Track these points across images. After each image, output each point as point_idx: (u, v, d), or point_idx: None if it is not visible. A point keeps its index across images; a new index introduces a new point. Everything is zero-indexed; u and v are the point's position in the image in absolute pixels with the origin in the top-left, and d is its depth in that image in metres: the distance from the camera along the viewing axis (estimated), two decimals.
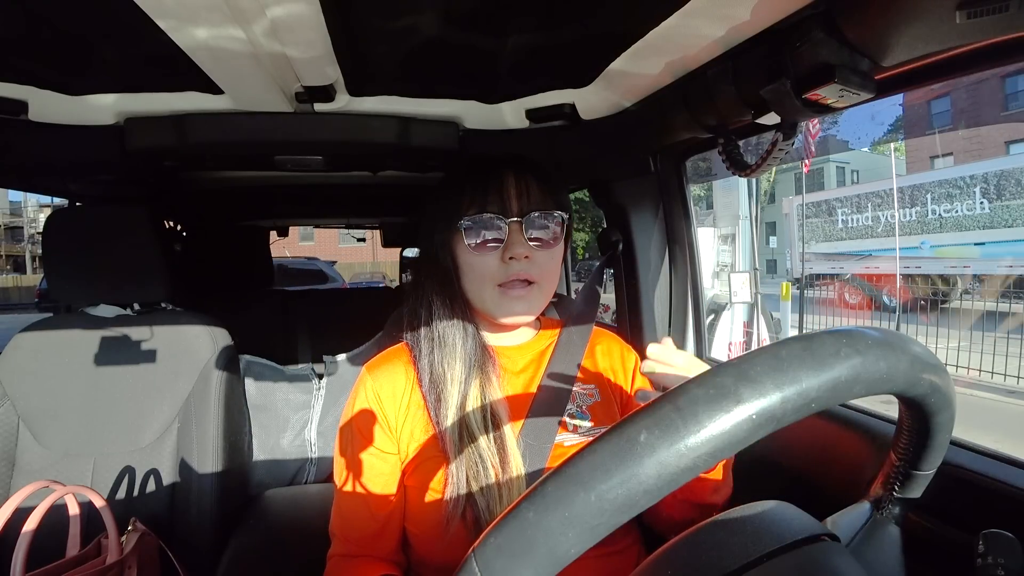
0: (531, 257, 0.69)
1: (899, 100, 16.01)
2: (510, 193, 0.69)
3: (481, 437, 0.67)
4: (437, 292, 0.73)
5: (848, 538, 0.41)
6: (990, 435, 3.57)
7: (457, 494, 0.65)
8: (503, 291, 0.69)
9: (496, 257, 0.69)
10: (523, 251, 0.68)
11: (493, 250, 0.69)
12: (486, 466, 0.66)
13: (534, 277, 0.70)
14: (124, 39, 0.74)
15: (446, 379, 0.69)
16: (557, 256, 0.73)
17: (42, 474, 1.13)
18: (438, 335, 0.72)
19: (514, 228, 0.69)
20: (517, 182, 0.70)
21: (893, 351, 0.31)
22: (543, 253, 0.70)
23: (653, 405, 0.29)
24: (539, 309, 0.74)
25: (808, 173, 15.20)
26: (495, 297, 0.70)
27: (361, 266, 19.34)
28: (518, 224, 0.69)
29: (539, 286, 0.71)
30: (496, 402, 0.69)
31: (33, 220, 23.44)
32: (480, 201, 0.69)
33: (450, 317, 0.72)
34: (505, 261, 0.69)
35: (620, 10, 0.68)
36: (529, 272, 0.69)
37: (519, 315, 0.71)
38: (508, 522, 0.28)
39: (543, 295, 0.72)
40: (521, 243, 0.68)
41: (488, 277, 0.70)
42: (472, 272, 0.70)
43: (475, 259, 0.70)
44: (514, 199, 0.69)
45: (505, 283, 0.69)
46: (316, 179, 1.60)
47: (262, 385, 1.38)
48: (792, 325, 7.05)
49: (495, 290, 0.70)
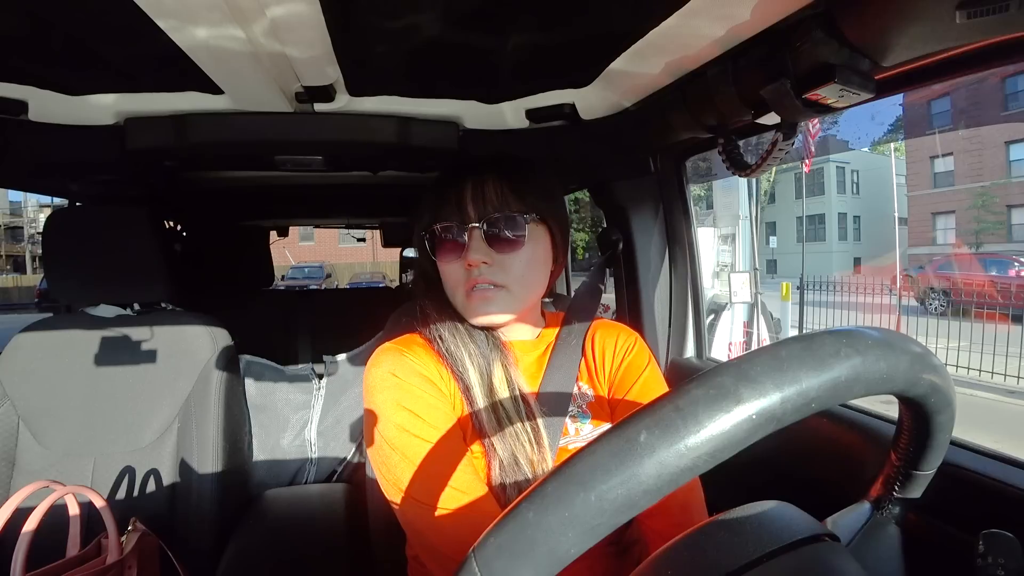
0: (491, 262, 0.68)
1: (899, 100, 16.02)
2: (466, 200, 0.69)
3: (512, 411, 0.67)
4: (428, 299, 0.75)
5: (848, 538, 0.41)
6: (990, 435, 3.57)
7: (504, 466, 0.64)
8: (468, 296, 0.69)
9: (460, 264, 0.69)
10: (479, 257, 0.67)
11: (456, 258, 0.69)
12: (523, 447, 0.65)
13: (500, 281, 0.68)
14: (124, 39, 0.74)
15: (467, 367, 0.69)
16: (532, 258, 0.71)
17: (42, 474, 1.13)
18: (441, 335, 0.72)
19: (473, 234, 0.68)
20: (474, 188, 0.69)
21: (893, 351, 0.31)
22: (508, 257, 0.69)
23: (653, 405, 0.29)
24: (512, 312, 0.71)
25: (808, 173, 15.23)
26: (463, 302, 0.70)
27: (361, 266, 19.34)
28: (477, 230, 0.68)
29: (507, 290, 0.69)
30: (522, 394, 0.70)
31: (33, 220, 23.44)
32: (438, 211, 0.70)
33: (448, 320, 0.73)
34: (466, 267, 0.68)
35: (620, 10, 0.68)
36: (493, 277, 0.68)
37: (488, 316, 0.70)
38: (508, 522, 0.28)
39: (515, 300, 0.70)
40: (477, 248, 0.68)
41: (455, 284, 0.70)
42: (445, 279, 0.72)
43: (443, 267, 0.71)
44: (470, 205, 0.69)
45: (470, 289, 0.69)
46: (316, 179, 1.61)
47: (262, 385, 1.38)
48: (792, 325, 7.05)
49: (463, 295, 0.70)
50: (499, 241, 0.68)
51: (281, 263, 11.90)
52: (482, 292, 0.68)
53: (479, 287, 0.68)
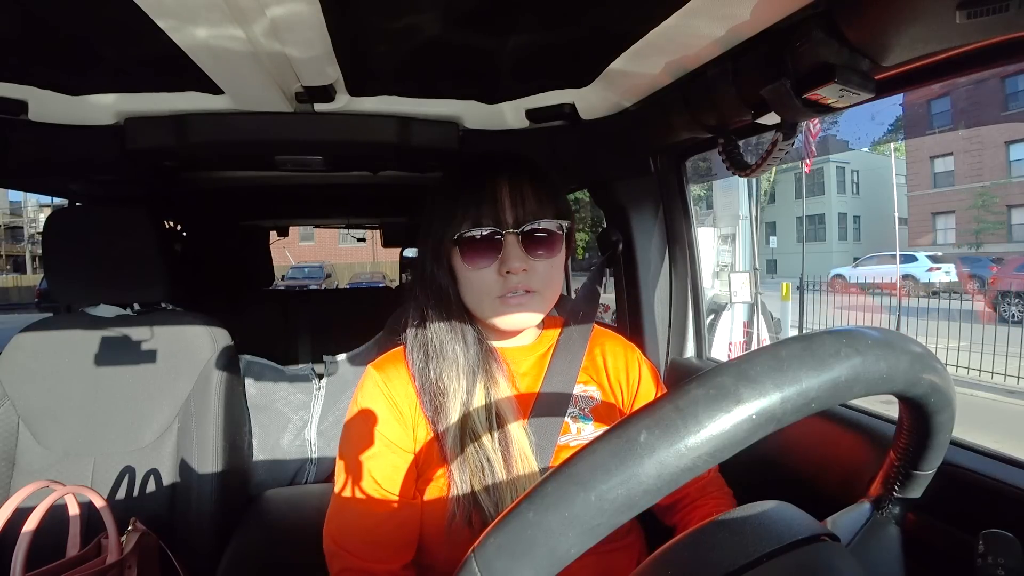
0: (529, 269, 0.67)
1: (899, 100, 16.02)
2: (504, 204, 0.67)
3: (485, 437, 0.66)
4: (432, 306, 0.71)
5: (848, 538, 0.41)
6: (990, 435, 3.57)
7: (462, 495, 0.64)
8: (502, 301, 0.68)
9: (493, 271, 0.67)
10: (520, 265, 0.66)
11: (489, 264, 0.67)
12: (492, 467, 0.65)
13: (534, 287, 0.68)
14: (124, 39, 0.74)
15: (445, 391, 0.68)
16: (558, 264, 0.71)
17: (42, 474, 1.13)
18: (436, 346, 0.70)
19: (510, 240, 0.66)
20: (512, 191, 0.67)
21: (893, 351, 0.31)
22: (542, 263, 0.68)
23: (653, 405, 0.29)
24: (540, 316, 0.73)
25: (808, 173, 15.23)
26: (495, 307, 0.68)
27: (361, 266, 19.34)
28: (515, 236, 0.67)
29: (540, 294, 0.69)
30: (501, 401, 0.69)
31: (33, 220, 23.44)
32: (474, 214, 0.67)
33: (449, 329, 0.71)
34: (502, 274, 0.67)
35: (620, 10, 0.68)
36: (529, 283, 0.67)
37: (519, 324, 0.70)
38: (508, 522, 0.28)
39: (544, 302, 0.71)
40: (518, 256, 0.66)
41: (486, 291, 0.68)
42: (470, 286, 0.69)
43: (472, 274, 0.68)
44: (509, 210, 0.67)
45: (503, 296, 0.68)
46: (316, 179, 1.61)
47: (262, 385, 1.38)
48: (792, 325, 7.05)
49: (494, 301, 0.68)
50: (538, 247, 0.67)
51: (281, 263, 11.89)
52: (517, 298, 0.67)
53: (514, 293, 0.67)
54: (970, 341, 5.98)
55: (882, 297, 9.03)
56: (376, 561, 0.66)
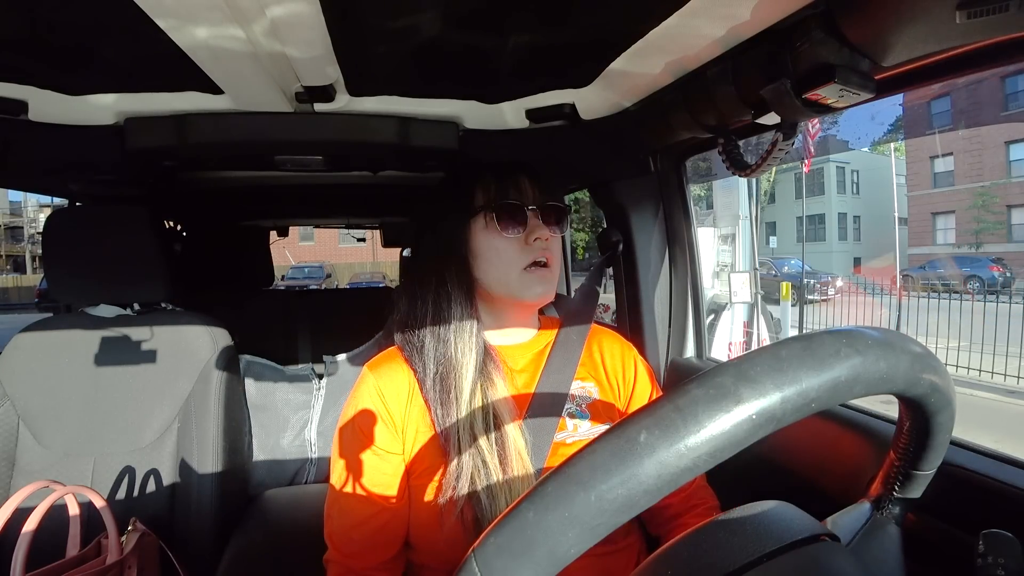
0: (549, 240, 0.75)
1: (899, 100, 16.02)
2: (525, 185, 0.76)
3: (482, 437, 0.67)
4: (454, 286, 0.74)
5: (848, 538, 0.41)
6: (990, 435, 3.57)
7: (458, 495, 0.65)
8: (528, 272, 0.74)
9: (519, 241, 0.74)
10: (545, 233, 0.74)
11: (516, 235, 0.74)
12: (487, 466, 0.66)
13: (551, 259, 0.75)
14: (124, 39, 0.74)
15: (456, 376, 0.70)
16: (561, 245, 0.79)
17: (42, 474, 1.13)
18: (444, 333, 0.72)
19: (533, 214, 0.75)
20: (530, 177, 0.77)
21: (893, 351, 0.31)
22: (556, 240, 0.77)
23: (653, 405, 0.29)
24: (554, 291, 0.78)
25: (808, 173, 15.23)
26: (521, 278, 0.74)
27: (361, 266, 19.34)
28: (536, 212, 0.75)
29: (552, 270, 0.76)
30: (498, 402, 0.70)
31: (33, 220, 23.43)
32: (502, 191, 0.75)
33: (459, 314, 0.73)
34: (529, 243, 0.74)
35: (620, 10, 0.68)
36: (549, 253, 0.75)
37: (542, 295, 0.75)
38: (508, 522, 0.28)
39: (555, 278, 0.77)
40: (541, 227, 0.75)
41: (513, 260, 0.74)
42: (498, 257, 0.74)
43: (502, 243, 0.74)
44: (530, 190, 0.76)
45: (528, 266, 0.74)
46: (316, 179, 1.60)
47: (262, 385, 1.38)
48: (792, 325, 7.05)
49: (521, 272, 0.74)
50: (553, 223, 0.76)
51: (281, 263, 11.91)
52: (540, 269, 0.75)
53: (538, 262, 0.74)
54: (970, 341, 5.98)
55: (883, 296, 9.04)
56: (353, 558, 0.70)
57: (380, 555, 0.70)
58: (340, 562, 0.71)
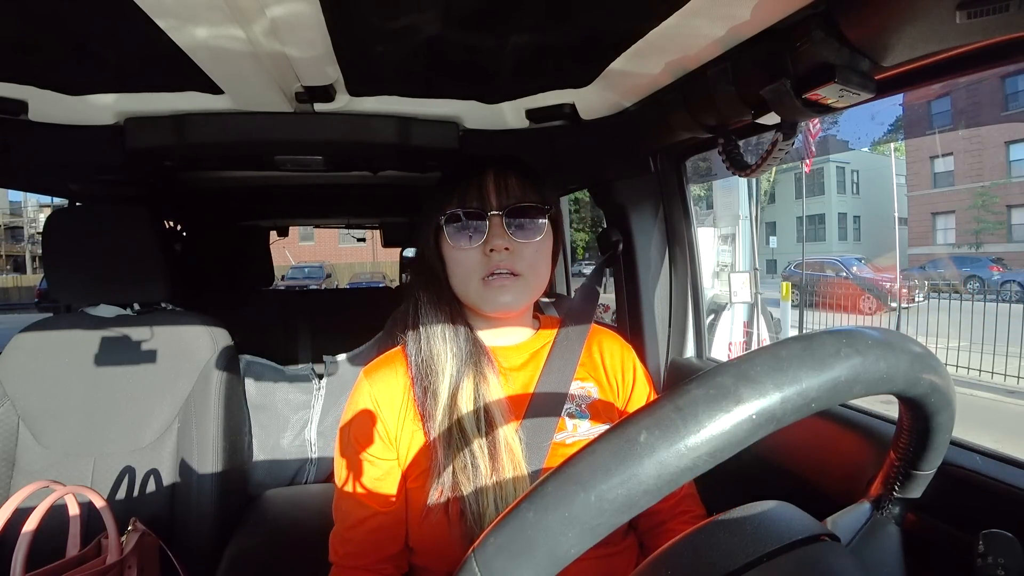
0: (512, 249, 0.70)
1: (899, 100, 16.00)
2: (489, 189, 0.71)
3: (474, 439, 0.67)
4: (424, 291, 0.75)
5: (848, 538, 0.41)
6: (990, 435, 3.57)
7: (448, 496, 0.65)
8: (487, 283, 0.70)
9: (478, 251, 0.70)
10: (502, 243, 0.69)
11: (475, 244, 0.70)
12: (476, 466, 0.66)
13: (518, 269, 0.70)
14: (124, 39, 0.74)
15: (435, 374, 0.70)
16: (543, 250, 0.74)
17: (42, 474, 1.13)
18: (426, 333, 0.72)
19: (494, 221, 0.70)
20: (496, 179, 0.72)
21: (893, 351, 0.31)
22: (526, 246, 0.71)
23: (653, 405, 0.29)
24: (526, 301, 0.74)
25: (808, 173, 15.23)
26: (479, 289, 0.71)
27: (361, 266, 19.34)
28: (498, 217, 0.70)
29: (524, 279, 0.71)
30: (491, 402, 0.69)
31: (33, 220, 23.42)
32: (461, 198, 0.71)
33: (438, 316, 0.73)
34: (487, 254, 0.70)
35: (620, 10, 0.68)
36: (512, 264, 0.70)
37: (504, 306, 0.71)
38: (508, 522, 0.28)
39: (529, 288, 0.73)
40: (501, 235, 0.70)
41: (472, 271, 0.71)
42: (458, 267, 0.72)
43: (458, 254, 0.71)
44: (493, 194, 0.71)
45: (487, 276, 0.70)
46: (316, 179, 1.61)
47: (262, 385, 1.38)
48: (792, 325, 7.05)
49: (479, 283, 0.70)
50: (520, 229, 0.71)
51: (281, 263, 11.90)
52: (500, 279, 0.70)
53: (497, 274, 0.70)
54: (970, 341, 5.98)
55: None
56: (346, 558, 0.71)
57: (370, 556, 0.71)
58: (340, 563, 0.71)
